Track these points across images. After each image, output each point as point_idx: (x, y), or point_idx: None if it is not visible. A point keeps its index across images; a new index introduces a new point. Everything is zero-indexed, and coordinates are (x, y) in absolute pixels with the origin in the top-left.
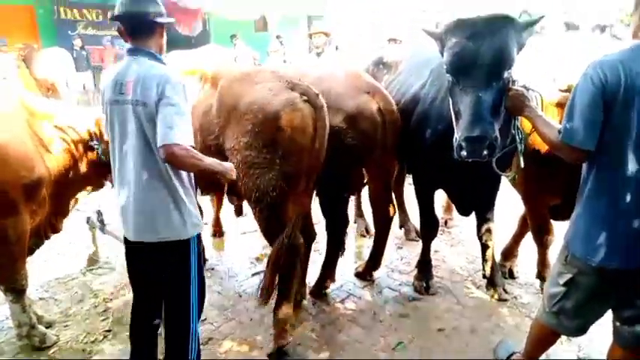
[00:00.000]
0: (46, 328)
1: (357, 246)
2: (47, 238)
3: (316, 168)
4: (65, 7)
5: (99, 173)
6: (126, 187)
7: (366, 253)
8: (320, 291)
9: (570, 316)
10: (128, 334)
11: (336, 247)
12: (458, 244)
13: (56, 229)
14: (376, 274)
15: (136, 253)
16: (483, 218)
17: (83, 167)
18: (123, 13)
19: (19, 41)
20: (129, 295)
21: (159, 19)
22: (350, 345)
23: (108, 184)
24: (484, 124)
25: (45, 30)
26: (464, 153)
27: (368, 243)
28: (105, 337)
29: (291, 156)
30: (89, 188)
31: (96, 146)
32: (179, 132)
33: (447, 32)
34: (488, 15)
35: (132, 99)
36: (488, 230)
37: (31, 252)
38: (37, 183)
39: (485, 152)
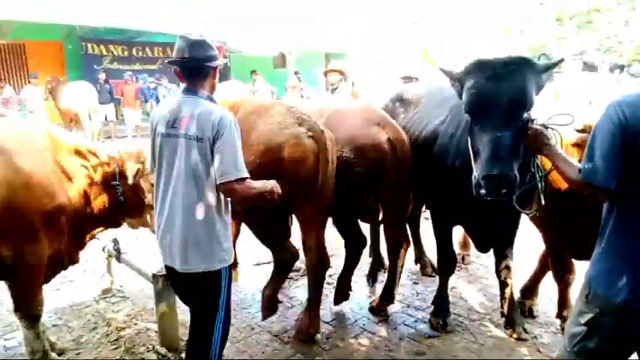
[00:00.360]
0: (59, 355)
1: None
2: (64, 268)
3: (322, 197)
4: (92, 43)
5: (117, 212)
6: (166, 214)
7: (380, 288)
8: (342, 299)
9: (593, 357)
10: None
11: (351, 262)
12: (476, 281)
13: (74, 260)
14: (391, 309)
15: (170, 277)
16: (502, 255)
17: (103, 203)
18: (180, 58)
19: (48, 74)
20: (141, 325)
21: (213, 64)
22: None
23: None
24: (503, 163)
25: (72, 64)
26: (483, 191)
27: (382, 277)
28: None
29: (289, 184)
30: (105, 225)
31: (117, 187)
32: (238, 167)
33: (466, 73)
34: (508, 57)
35: (185, 133)
36: (507, 267)
37: (47, 280)
38: (57, 210)
39: (503, 191)
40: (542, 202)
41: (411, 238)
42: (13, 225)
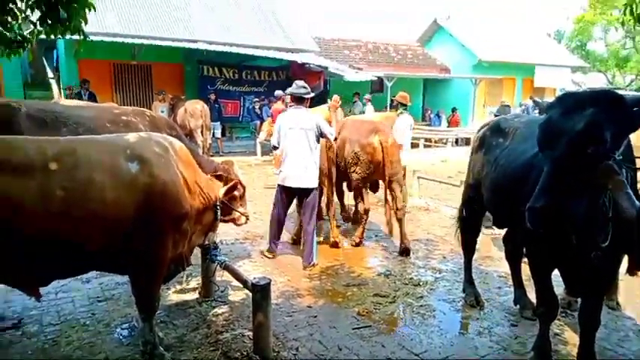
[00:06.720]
0: (164, 350)
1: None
2: (184, 269)
3: None
4: (208, 66)
5: (211, 228)
6: (295, 163)
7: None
8: None
9: None
10: None
11: None
12: None
13: (189, 263)
14: (486, 352)
15: (293, 192)
16: (589, 302)
17: (209, 218)
18: (292, 93)
19: (169, 93)
20: (238, 331)
21: (307, 96)
22: None
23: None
24: (549, 196)
25: (190, 84)
26: (527, 222)
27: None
28: None
29: None
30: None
31: (219, 207)
32: (330, 133)
33: (549, 106)
34: (594, 90)
35: (303, 127)
36: (592, 317)
37: (168, 279)
38: (183, 217)
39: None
40: (607, 242)
41: (510, 277)
42: (147, 225)
